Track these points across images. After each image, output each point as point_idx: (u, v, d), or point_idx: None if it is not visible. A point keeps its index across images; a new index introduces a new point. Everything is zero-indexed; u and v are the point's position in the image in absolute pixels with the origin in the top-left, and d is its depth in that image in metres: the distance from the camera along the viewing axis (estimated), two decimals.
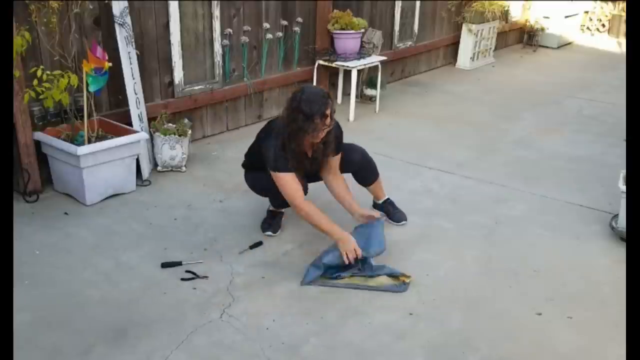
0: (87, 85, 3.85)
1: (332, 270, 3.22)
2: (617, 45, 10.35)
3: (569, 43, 10.37)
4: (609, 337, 2.88)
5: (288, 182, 3.25)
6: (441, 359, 2.70)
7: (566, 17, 10.02)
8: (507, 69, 8.51)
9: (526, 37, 10.05)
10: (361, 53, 6.07)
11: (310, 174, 3.48)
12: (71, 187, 3.96)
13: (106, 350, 2.65)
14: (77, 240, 3.53)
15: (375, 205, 3.96)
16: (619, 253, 3.59)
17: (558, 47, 9.95)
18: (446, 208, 4.14)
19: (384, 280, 3.20)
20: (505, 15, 8.76)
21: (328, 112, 3.13)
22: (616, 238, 3.74)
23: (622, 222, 3.70)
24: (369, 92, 6.39)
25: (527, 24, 9.98)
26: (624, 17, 10.31)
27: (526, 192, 4.41)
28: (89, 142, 3.90)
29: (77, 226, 3.68)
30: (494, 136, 5.65)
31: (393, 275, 3.22)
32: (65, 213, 3.82)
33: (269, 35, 5.44)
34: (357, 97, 6.14)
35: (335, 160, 3.49)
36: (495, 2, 8.35)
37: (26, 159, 3.88)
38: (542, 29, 9.87)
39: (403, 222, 3.87)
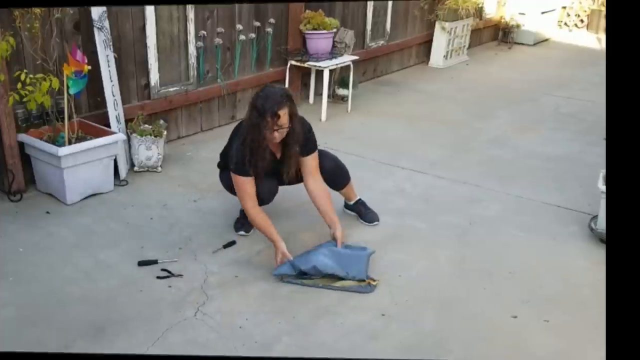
0: (68, 88, 3.94)
1: (305, 276, 3.23)
2: (596, 41, 10.18)
3: (546, 39, 10.17)
4: (588, 339, 2.84)
5: (243, 185, 3.35)
6: None
7: (543, 13, 9.82)
8: (482, 66, 8.36)
9: (501, 34, 9.84)
10: (333, 53, 6.10)
11: (283, 175, 3.48)
12: (53, 187, 4.06)
13: (86, 346, 2.71)
14: (58, 238, 3.62)
15: (347, 206, 3.97)
16: (598, 255, 3.51)
17: (534, 44, 9.76)
18: (419, 208, 4.12)
19: (350, 282, 3.19)
20: (479, 12, 8.61)
21: (281, 112, 3.14)
22: (595, 240, 3.67)
23: (601, 224, 3.60)
24: (341, 92, 6.41)
25: (502, 20, 9.78)
26: (604, 12, 10.10)
27: (501, 192, 4.37)
28: (70, 143, 3.99)
29: (58, 225, 3.76)
30: (468, 135, 5.58)
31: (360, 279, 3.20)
32: (47, 212, 3.91)
33: (242, 37, 5.48)
34: (329, 97, 6.10)
35: (310, 161, 3.48)
36: None
37: (11, 160, 3.97)
38: (518, 26, 9.65)
39: (375, 223, 3.88)
